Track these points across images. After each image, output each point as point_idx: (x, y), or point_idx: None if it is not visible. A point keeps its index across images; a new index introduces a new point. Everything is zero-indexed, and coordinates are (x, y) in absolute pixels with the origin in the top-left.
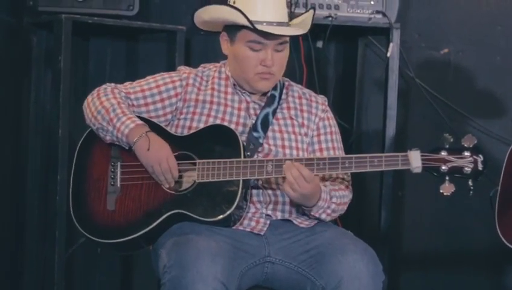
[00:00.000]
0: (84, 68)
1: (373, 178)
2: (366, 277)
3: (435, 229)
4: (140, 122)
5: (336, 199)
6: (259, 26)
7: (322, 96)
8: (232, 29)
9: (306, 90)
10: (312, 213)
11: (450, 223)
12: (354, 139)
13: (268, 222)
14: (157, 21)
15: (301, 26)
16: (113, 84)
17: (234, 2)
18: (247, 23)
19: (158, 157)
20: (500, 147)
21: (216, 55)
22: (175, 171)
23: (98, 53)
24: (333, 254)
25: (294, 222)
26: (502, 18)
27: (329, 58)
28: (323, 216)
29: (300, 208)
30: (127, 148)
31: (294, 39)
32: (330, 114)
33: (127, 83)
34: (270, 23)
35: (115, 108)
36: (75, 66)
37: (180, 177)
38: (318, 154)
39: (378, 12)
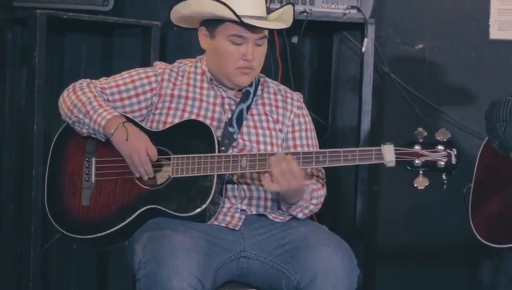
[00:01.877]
0: (59, 64)
1: (348, 173)
2: (341, 272)
3: (410, 223)
4: (117, 113)
5: (315, 200)
6: (244, 19)
7: (297, 93)
8: (212, 23)
9: (282, 87)
10: (290, 211)
11: (425, 218)
12: (329, 135)
13: (243, 217)
14: (132, 16)
15: (280, 20)
16: (88, 80)
17: None
18: (233, 17)
19: (137, 147)
20: (474, 142)
21: (191, 50)
22: (154, 157)
23: (73, 48)
24: (308, 249)
25: (269, 216)
26: (476, 14)
27: (304, 54)
28: (300, 215)
29: (277, 203)
30: (103, 140)
31: (269, 35)
32: (305, 111)
33: (102, 79)
34: (252, 17)
35: (91, 101)
36: (50, 61)
37: (155, 172)
38: (292, 151)
39: (353, 7)
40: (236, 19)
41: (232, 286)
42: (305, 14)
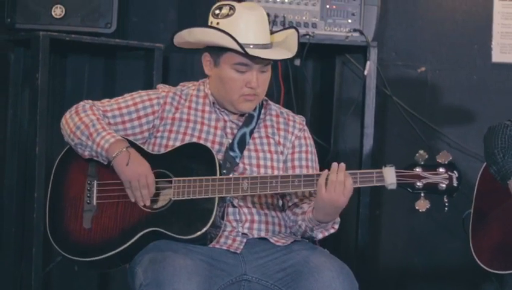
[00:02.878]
0: (61, 85)
1: (350, 198)
2: None
3: (412, 247)
4: (120, 137)
5: (336, 225)
6: (249, 51)
7: (300, 116)
8: (216, 50)
9: (284, 110)
10: (315, 229)
11: (426, 242)
12: (331, 158)
13: (244, 240)
14: (135, 38)
15: (284, 46)
16: (90, 102)
17: (218, 24)
18: (237, 48)
19: (137, 172)
20: (476, 165)
21: (194, 73)
22: (152, 188)
23: (75, 70)
24: (309, 272)
25: (271, 240)
26: (478, 37)
27: (306, 76)
28: (320, 235)
29: (308, 221)
30: (105, 163)
31: None
32: (307, 133)
33: (104, 100)
34: (256, 46)
35: (94, 123)
36: (52, 83)
37: (157, 195)
38: (290, 172)
39: (355, 30)
40: (241, 50)
41: None
42: (308, 37)
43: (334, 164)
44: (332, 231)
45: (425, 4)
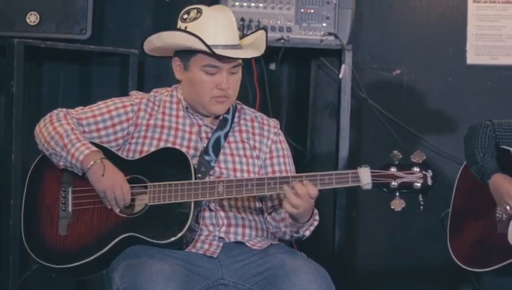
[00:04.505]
0: (37, 92)
1: (327, 200)
2: None
3: (389, 249)
4: (94, 148)
5: (317, 216)
6: (217, 51)
7: (274, 119)
8: (185, 54)
9: (258, 114)
10: (301, 231)
11: (404, 243)
12: (307, 161)
13: (221, 244)
14: (110, 44)
15: (253, 46)
16: (65, 110)
17: (186, 28)
18: (204, 48)
19: (112, 183)
20: (452, 167)
21: (169, 78)
22: (128, 197)
23: (51, 77)
24: (286, 276)
25: (247, 244)
26: (453, 39)
27: (282, 80)
28: (307, 233)
29: (290, 226)
30: (80, 174)
31: (247, 62)
32: (282, 137)
33: (78, 109)
34: (224, 47)
35: (68, 134)
36: (28, 90)
37: (132, 200)
38: (271, 175)
39: (330, 34)
40: (208, 50)
41: None
42: (283, 41)
43: (286, 188)
44: (315, 223)
45: (399, 7)
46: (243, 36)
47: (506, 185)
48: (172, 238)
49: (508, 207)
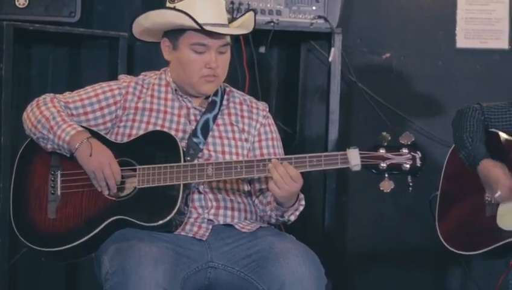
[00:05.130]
0: (26, 75)
1: (317, 183)
2: (309, 281)
3: (379, 232)
4: (81, 128)
5: (303, 201)
6: (205, 27)
7: (263, 102)
8: (174, 34)
9: (247, 97)
10: (286, 215)
11: (393, 226)
12: (297, 144)
13: (210, 227)
14: (99, 28)
15: (242, 26)
16: (51, 95)
17: (174, 7)
18: (194, 25)
19: (100, 162)
20: (441, 150)
21: (159, 62)
22: (118, 176)
23: (40, 60)
24: (275, 258)
25: (237, 227)
26: (443, 23)
27: (271, 64)
28: (292, 218)
29: (276, 210)
30: (68, 155)
31: (236, 45)
32: (271, 120)
33: (66, 93)
34: (213, 25)
35: (55, 116)
36: (17, 73)
37: (121, 183)
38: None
39: (320, 17)
40: (197, 26)
41: None
42: (272, 24)
43: (270, 165)
44: (301, 208)
45: None
46: (232, 20)
47: (496, 171)
48: (161, 221)
49: (496, 194)
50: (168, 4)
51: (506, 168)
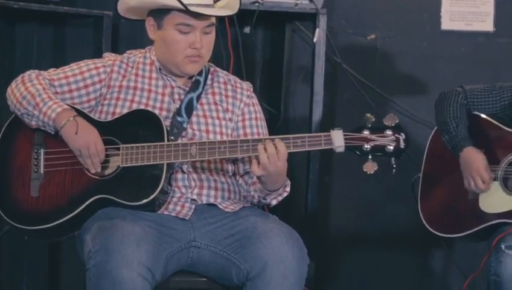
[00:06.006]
0: (10, 54)
1: (300, 164)
2: (291, 261)
3: (361, 213)
4: (67, 106)
5: (288, 187)
6: (190, 8)
7: (247, 82)
8: (159, 13)
9: (231, 77)
10: (268, 198)
11: (376, 207)
12: (281, 125)
13: (193, 206)
14: (83, 6)
15: (227, 7)
16: (37, 71)
17: None
18: (178, 5)
19: (86, 140)
20: (425, 132)
21: (144, 41)
22: (102, 154)
23: (24, 39)
24: (258, 238)
25: (220, 206)
26: (428, 4)
27: (256, 44)
28: (274, 202)
29: (259, 191)
30: (53, 133)
31: (221, 25)
32: (255, 100)
33: (50, 70)
34: (198, 5)
35: (40, 93)
36: (1, 52)
37: (105, 162)
38: (242, 138)
39: None
40: (182, 7)
41: (182, 275)
42: (257, 4)
43: (260, 146)
44: (285, 194)
45: None
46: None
47: (477, 160)
48: (145, 200)
49: (472, 183)
50: None
51: (486, 160)
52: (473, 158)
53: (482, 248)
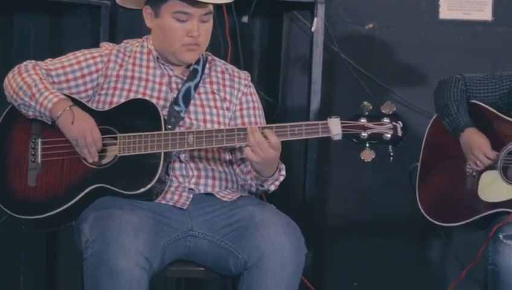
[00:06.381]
0: (7, 44)
1: (298, 153)
2: (289, 251)
3: (359, 202)
4: (63, 96)
5: (283, 171)
6: None
7: (245, 72)
8: (156, 1)
9: (229, 66)
10: (265, 184)
11: (374, 197)
12: (278, 114)
13: (191, 196)
14: None
15: None
16: (33, 61)
17: None
18: None
19: (82, 130)
20: (423, 121)
21: (142, 30)
22: (99, 143)
23: (21, 28)
24: (255, 228)
25: (217, 195)
26: None
27: (254, 33)
28: (272, 187)
29: (255, 179)
30: (49, 123)
31: (219, 14)
32: (253, 89)
33: (47, 60)
34: None
35: (37, 83)
36: None
37: (102, 151)
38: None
39: None
40: None
41: (179, 265)
42: None
43: (248, 128)
44: (281, 178)
45: None
46: None
47: (479, 139)
48: (142, 189)
49: (477, 161)
50: None
51: (487, 139)
52: (475, 138)
53: (479, 237)
